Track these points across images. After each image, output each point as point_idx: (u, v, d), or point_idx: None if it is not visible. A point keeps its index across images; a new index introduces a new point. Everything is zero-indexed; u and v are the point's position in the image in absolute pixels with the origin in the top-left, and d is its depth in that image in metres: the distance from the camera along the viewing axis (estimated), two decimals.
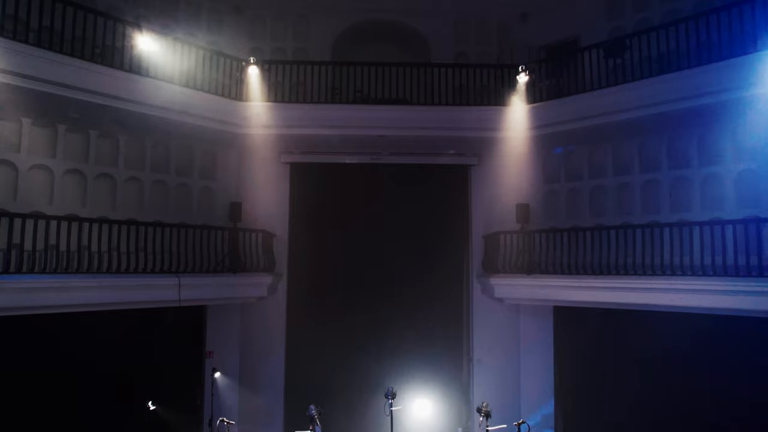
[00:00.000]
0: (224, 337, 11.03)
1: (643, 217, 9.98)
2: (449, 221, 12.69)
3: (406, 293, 12.25)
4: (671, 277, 8.44)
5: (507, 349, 11.84)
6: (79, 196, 9.39)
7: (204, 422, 10.63)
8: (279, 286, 11.76)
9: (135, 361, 9.97)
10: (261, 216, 11.41)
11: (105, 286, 8.16)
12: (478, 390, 11.96)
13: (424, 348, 12.04)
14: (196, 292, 9.45)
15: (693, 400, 9.23)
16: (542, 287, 10.22)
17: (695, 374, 9.16)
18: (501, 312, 11.85)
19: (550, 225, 11.10)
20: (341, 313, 12.26)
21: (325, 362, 12.02)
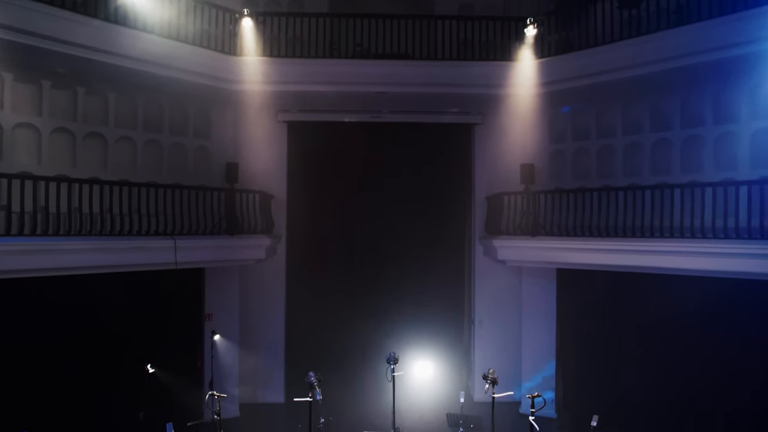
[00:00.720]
0: (223, 300, 10.91)
1: (652, 178, 9.66)
2: (451, 182, 12.41)
3: (407, 255, 12.09)
4: (681, 240, 8.20)
5: (509, 312, 11.78)
6: (69, 156, 9.05)
7: (205, 384, 10.63)
8: (278, 248, 11.58)
9: (133, 324, 9.86)
10: (258, 177, 11.10)
11: (98, 249, 7.93)
12: (479, 351, 11.98)
13: (425, 310, 11.97)
14: (192, 255, 9.24)
15: (700, 365, 9.15)
16: (546, 249, 10.00)
17: (703, 339, 9.04)
18: (503, 274, 11.72)
19: (555, 186, 10.80)
20: (342, 275, 12.14)
21: (325, 325, 11.98)
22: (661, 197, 8.60)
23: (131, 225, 8.50)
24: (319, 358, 11.82)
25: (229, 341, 10.84)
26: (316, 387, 4.69)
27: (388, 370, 5.31)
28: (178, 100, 10.45)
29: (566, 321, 11.11)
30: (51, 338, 8.91)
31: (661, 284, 9.18)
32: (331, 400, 9.22)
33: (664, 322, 9.54)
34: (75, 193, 7.89)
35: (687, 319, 9.07)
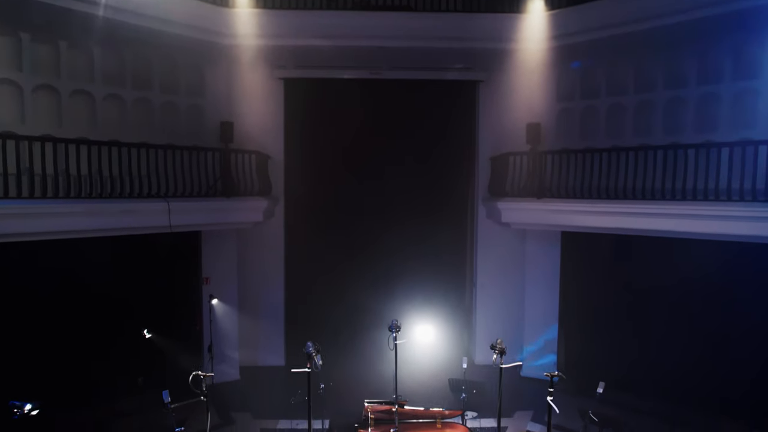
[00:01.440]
0: (221, 264, 10.70)
1: (664, 138, 9.27)
2: (454, 142, 12.00)
3: (409, 217, 11.81)
4: (694, 203, 7.91)
5: (511, 275, 11.60)
6: (54, 115, 8.63)
7: (204, 348, 10.55)
8: (276, 210, 11.29)
9: (129, 289, 9.68)
10: (254, 136, 10.70)
11: (87, 212, 7.63)
12: (481, 315, 11.88)
13: (426, 273, 11.79)
14: (187, 218, 8.95)
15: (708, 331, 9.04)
16: (552, 212, 9.71)
17: (713, 304, 8.90)
18: (507, 237, 11.48)
19: (562, 146, 10.39)
20: (342, 238, 11.90)
21: (325, 289, 11.83)
22: (675, 158, 8.25)
23: (122, 187, 8.19)
24: (319, 322, 11.74)
25: (227, 305, 10.70)
26: (315, 357, 4.48)
27: (389, 338, 5.11)
28: (168, 55, 9.93)
29: (570, 285, 10.94)
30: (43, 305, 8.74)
31: (671, 248, 8.95)
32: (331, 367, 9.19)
33: (671, 287, 9.37)
34: (61, 154, 7.52)
35: (696, 284, 8.89)
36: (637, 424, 8.95)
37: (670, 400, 9.55)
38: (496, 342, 4.70)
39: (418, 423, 7.06)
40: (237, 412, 9.56)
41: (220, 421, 9.21)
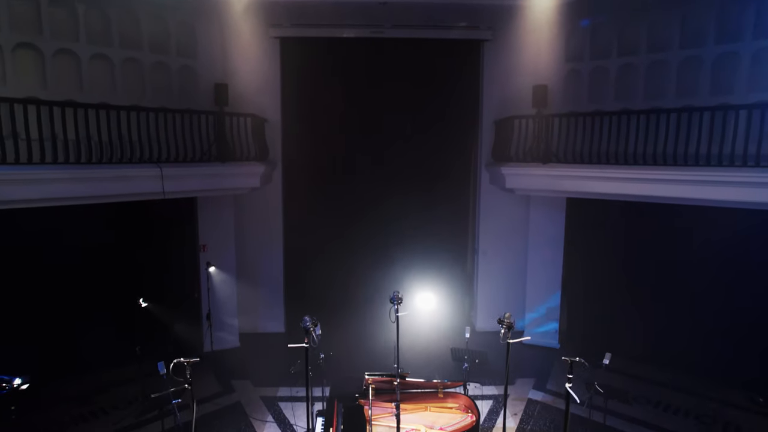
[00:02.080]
0: (218, 231, 10.47)
1: (677, 101, 8.89)
2: (458, 104, 11.59)
3: (410, 183, 11.55)
4: (707, 168, 7.60)
5: (514, 242, 11.41)
6: (38, 76, 8.21)
7: (202, 316, 10.43)
8: (273, 175, 10.99)
9: (125, 257, 9.51)
10: (250, 99, 10.28)
11: (78, 179, 7.33)
12: (483, 282, 11.74)
13: (428, 240, 11.60)
14: (181, 184, 8.66)
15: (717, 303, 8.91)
16: (558, 177, 9.41)
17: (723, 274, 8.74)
18: (510, 203, 11.23)
19: (569, 109, 9.99)
20: (342, 204, 11.66)
21: (326, 257, 11.66)
22: (690, 121, 7.90)
23: (113, 152, 7.85)
24: (319, 290, 11.63)
25: (225, 272, 10.53)
26: (312, 332, 4.28)
27: (391, 310, 4.90)
28: (157, 12, 9.43)
29: (574, 253, 10.74)
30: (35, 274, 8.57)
31: (681, 217, 8.74)
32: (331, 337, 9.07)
33: (680, 256, 9.20)
34: (47, 117, 7.16)
35: (706, 253, 8.72)
36: (640, 392, 8.92)
37: (673, 370, 9.53)
38: (504, 316, 4.49)
39: (420, 393, 6.96)
40: (237, 379, 9.51)
41: (220, 389, 9.17)
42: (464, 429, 6.32)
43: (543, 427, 7.98)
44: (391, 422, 6.37)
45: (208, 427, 7.95)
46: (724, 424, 8.06)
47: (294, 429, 7.91)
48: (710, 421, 8.09)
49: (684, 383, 9.19)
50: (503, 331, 4.50)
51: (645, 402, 8.68)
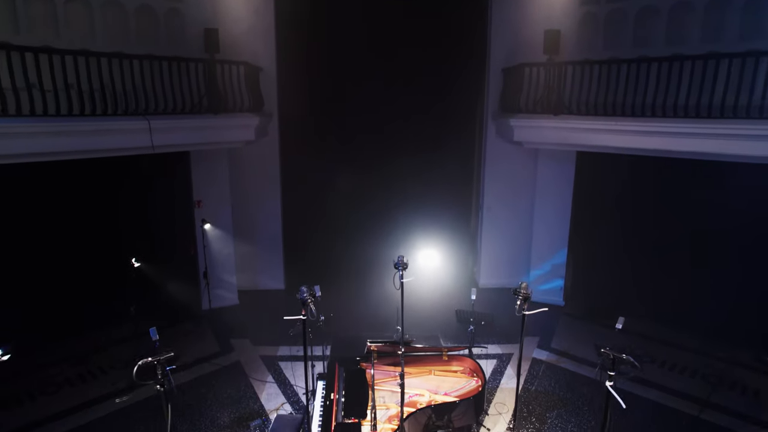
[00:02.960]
0: (212, 186, 10.05)
1: (701, 47, 8.24)
2: (463, 51, 10.93)
3: (412, 133, 11.04)
4: (732, 121, 7.10)
5: (520, 197, 11.03)
6: (8, 19, 7.56)
7: (199, 273, 10.17)
8: (269, 128, 10.47)
9: (116, 215, 9.15)
10: (243, 45, 9.65)
11: (58, 132, 6.83)
12: (487, 239, 11.44)
13: (431, 194, 11.22)
14: (171, 137, 8.16)
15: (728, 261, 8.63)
16: (570, 130, 8.91)
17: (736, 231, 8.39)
18: (517, 156, 10.77)
19: (583, 56, 9.35)
20: (342, 156, 11.20)
21: (325, 211, 11.29)
22: (716, 69, 7.31)
23: (95, 104, 7.31)
24: (319, 245, 11.34)
25: (221, 229, 10.20)
26: (310, 304, 3.96)
27: (395, 276, 4.57)
28: None
29: (583, 209, 10.37)
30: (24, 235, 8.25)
31: (700, 172, 8.31)
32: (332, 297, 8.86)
33: (695, 215, 8.84)
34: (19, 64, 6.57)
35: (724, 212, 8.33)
36: (645, 352, 8.77)
37: (680, 329, 9.36)
38: (520, 287, 4.15)
39: (424, 356, 6.75)
40: (236, 338, 9.35)
41: (219, 349, 9.01)
42: (470, 394, 6.13)
43: (548, 388, 7.85)
44: (395, 387, 6.18)
45: (207, 387, 7.82)
46: (731, 384, 7.94)
47: (294, 389, 7.78)
48: (716, 381, 7.96)
49: (691, 343, 9.05)
50: (519, 302, 4.17)
51: (650, 361, 8.55)
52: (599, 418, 6.88)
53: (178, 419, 6.97)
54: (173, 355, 4.12)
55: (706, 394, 7.49)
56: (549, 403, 7.45)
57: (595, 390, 7.64)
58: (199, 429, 6.83)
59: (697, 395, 7.55)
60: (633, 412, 7.11)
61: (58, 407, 7.25)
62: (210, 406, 7.36)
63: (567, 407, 7.34)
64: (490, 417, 7.07)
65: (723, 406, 7.34)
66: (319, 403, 5.97)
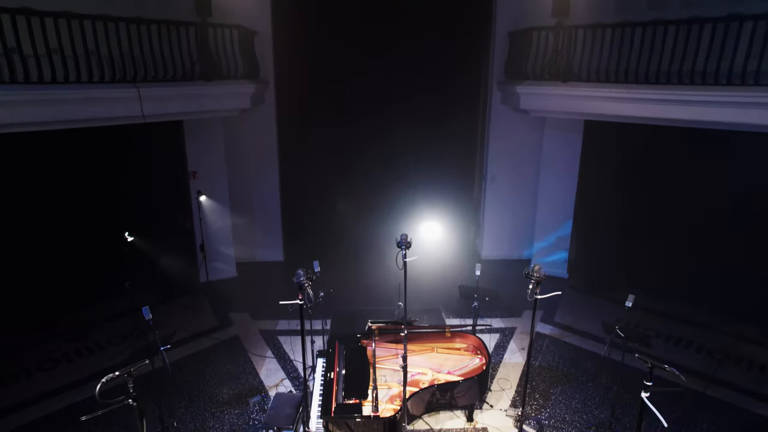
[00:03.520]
0: (208, 157, 9.72)
1: (722, 8, 7.77)
2: (468, 13, 10.40)
3: (414, 101, 10.65)
4: (753, 89, 6.72)
5: (525, 167, 10.72)
6: None
7: (196, 246, 9.95)
8: (266, 95, 10.07)
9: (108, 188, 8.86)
10: (237, 7, 9.13)
11: (41, 101, 6.45)
12: (490, 209, 11.19)
13: (433, 164, 10.93)
14: (162, 106, 7.80)
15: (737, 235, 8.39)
16: (579, 98, 8.52)
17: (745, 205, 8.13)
18: (523, 125, 10.42)
19: (594, 19, 8.83)
20: (341, 128, 10.83)
21: (325, 181, 11.01)
22: (739, 33, 6.88)
23: (80, 70, 6.91)
24: (318, 215, 11.11)
25: (218, 201, 9.92)
26: (307, 288, 3.73)
27: (398, 255, 4.32)
28: None
29: (590, 179, 10.07)
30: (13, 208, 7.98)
31: (715, 143, 7.97)
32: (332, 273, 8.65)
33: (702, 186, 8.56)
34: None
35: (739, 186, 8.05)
36: (651, 326, 8.63)
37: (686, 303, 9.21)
38: (533, 269, 3.90)
39: (427, 333, 6.59)
40: (235, 312, 9.21)
41: (217, 323, 8.88)
42: (473, 373, 5.98)
43: (551, 363, 7.74)
44: (396, 365, 6.03)
45: (206, 363, 7.71)
46: (737, 359, 7.82)
47: (294, 365, 7.66)
48: (722, 357, 7.84)
49: (697, 317, 8.90)
50: (531, 286, 3.93)
51: (655, 336, 8.42)
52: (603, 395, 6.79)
53: (176, 395, 6.87)
54: (147, 363, 3.80)
55: (712, 370, 7.37)
56: (553, 378, 7.34)
57: (600, 365, 7.52)
58: (198, 405, 6.73)
59: (703, 371, 7.43)
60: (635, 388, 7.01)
61: (55, 383, 7.14)
62: (209, 382, 7.25)
63: (571, 383, 7.24)
64: (493, 393, 6.96)
65: (729, 381, 7.23)
66: (319, 382, 5.83)
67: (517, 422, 6.38)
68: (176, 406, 6.66)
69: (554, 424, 6.39)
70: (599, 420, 6.40)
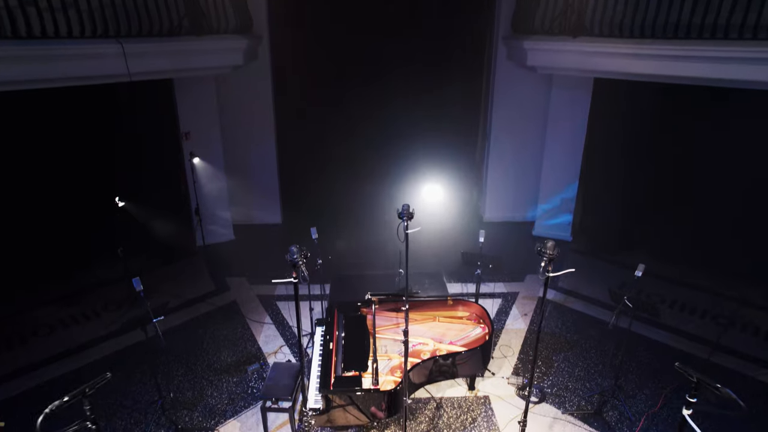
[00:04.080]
0: (201, 117, 9.32)
1: None
2: None
3: (415, 56, 10.13)
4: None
5: (530, 127, 10.33)
6: None
7: (191, 209, 9.69)
8: (260, 51, 9.56)
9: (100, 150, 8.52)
10: None
11: (16, 57, 6.02)
12: (493, 170, 10.87)
13: (434, 124, 10.50)
14: (149, 63, 7.34)
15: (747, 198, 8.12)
16: (590, 54, 8.05)
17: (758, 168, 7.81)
18: (529, 83, 9.97)
19: None
20: (340, 84, 10.35)
21: (323, 141, 10.62)
22: None
23: (57, 24, 6.43)
24: (316, 177, 10.80)
25: (212, 162, 9.59)
26: (301, 266, 3.48)
27: (400, 226, 4.06)
28: None
29: (597, 141, 9.69)
30: None
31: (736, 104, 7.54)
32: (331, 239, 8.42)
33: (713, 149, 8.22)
34: None
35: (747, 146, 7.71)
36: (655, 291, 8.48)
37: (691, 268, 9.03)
38: (547, 246, 3.64)
39: (428, 301, 6.42)
40: (232, 276, 9.04)
41: (214, 288, 8.72)
42: (476, 343, 5.84)
43: (554, 329, 7.62)
44: (397, 335, 5.89)
45: (203, 329, 7.59)
46: (742, 325, 7.70)
47: (293, 332, 7.54)
48: (726, 322, 7.71)
49: (703, 282, 8.74)
50: (543, 264, 3.68)
51: (660, 301, 8.28)
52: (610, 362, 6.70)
53: (174, 363, 6.78)
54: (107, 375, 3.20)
55: (717, 336, 7.24)
56: (556, 345, 7.24)
57: (603, 332, 7.41)
58: (195, 373, 6.64)
59: (708, 337, 7.32)
60: (639, 355, 6.93)
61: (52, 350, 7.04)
62: (206, 349, 7.15)
63: (574, 350, 7.13)
64: (495, 360, 6.87)
65: (734, 348, 7.12)
66: (318, 352, 5.68)
67: (519, 390, 6.30)
68: (173, 375, 6.58)
69: (557, 392, 6.31)
70: (603, 388, 6.31)
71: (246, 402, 6.13)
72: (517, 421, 4.69)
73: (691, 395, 3.36)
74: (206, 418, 5.89)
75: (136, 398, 6.15)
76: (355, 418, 4.92)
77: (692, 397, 3.35)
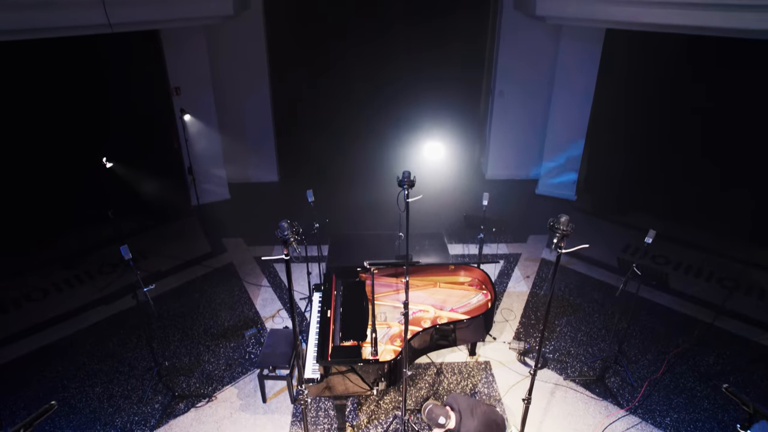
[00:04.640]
0: (190, 71, 8.85)
1: None
2: None
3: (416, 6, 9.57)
4: None
5: (537, 81, 9.87)
6: None
7: (185, 168, 9.39)
8: (252, 0, 8.99)
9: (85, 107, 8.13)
10: None
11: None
12: (497, 126, 10.48)
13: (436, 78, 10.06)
14: (132, 13, 6.85)
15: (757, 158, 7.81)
16: (604, 2, 7.53)
17: None
18: (536, 34, 9.45)
19: None
20: (337, 37, 9.83)
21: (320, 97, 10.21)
22: None
23: None
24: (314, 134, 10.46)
25: (204, 119, 9.20)
26: (293, 243, 3.25)
27: (400, 195, 3.81)
28: None
29: (607, 96, 9.26)
30: None
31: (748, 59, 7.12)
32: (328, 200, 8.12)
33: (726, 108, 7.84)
34: None
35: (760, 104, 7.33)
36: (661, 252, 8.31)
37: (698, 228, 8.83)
38: (561, 221, 3.38)
39: (429, 266, 6.24)
40: (228, 237, 8.85)
41: (210, 249, 8.54)
42: (478, 311, 5.69)
43: (557, 292, 7.46)
44: (396, 302, 5.73)
45: (199, 292, 7.45)
46: (748, 288, 7.57)
47: None
48: (732, 285, 7.57)
49: (709, 243, 8.55)
50: (556, 240, 3.44)
51: (665, 263, 8.12)
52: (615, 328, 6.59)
53: (170, 328, 6.68)
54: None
55: (722, 300, 7.11)
56: (558, 309, 7.12)
57: (606, 295, 7.29)
58: (192, 338, 6.54)
59: (712, 300, 7.19)
60: (642, 319, 6.82)
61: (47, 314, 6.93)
62: (202, 312, 7.03)
63: (577, 314, 7.02)
64: (496, 324, 6.76)
65: (739, 312, 7.01)
66: (315, 319, 5.54)
67: (520, 356, 6.22)
68: (170, 340, 6.48)
69: (558, 358, 6.23)
70: (605, 354, 6.23)
71: (243, 368, 6.05)
72: (521, 399, 4.58)
73: (743, 426, 3.20)
74: (204, 384, 5.83)
75: (132, 364, 6.07)
76: (355, 385, 4.83)
77: (744, 429, 3.19)
